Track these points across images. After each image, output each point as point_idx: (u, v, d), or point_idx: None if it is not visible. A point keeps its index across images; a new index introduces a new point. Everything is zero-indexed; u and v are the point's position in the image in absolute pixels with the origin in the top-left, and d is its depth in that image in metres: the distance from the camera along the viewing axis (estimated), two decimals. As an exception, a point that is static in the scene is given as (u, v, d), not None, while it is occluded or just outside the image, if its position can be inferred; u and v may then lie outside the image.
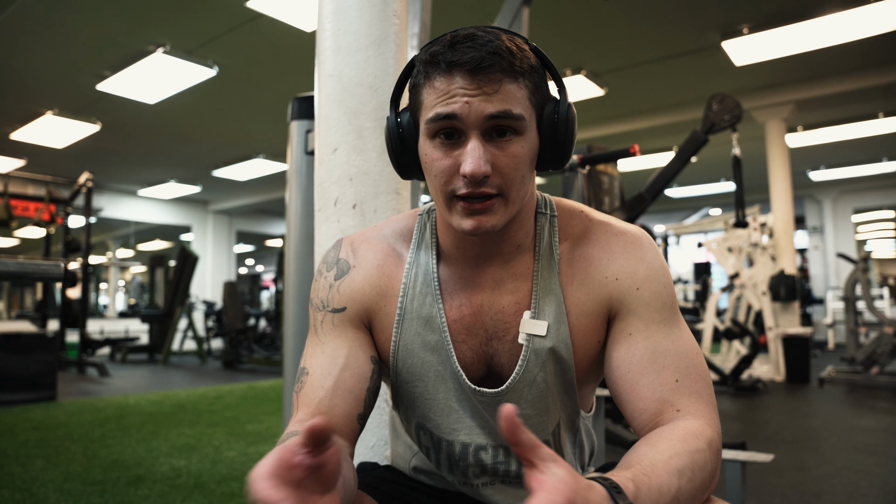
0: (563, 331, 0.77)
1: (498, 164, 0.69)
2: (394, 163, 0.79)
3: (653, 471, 0.59)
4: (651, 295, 0.76)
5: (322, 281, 0.83)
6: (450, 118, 0.68)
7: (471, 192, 0.68)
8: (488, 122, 0.68)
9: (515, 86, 0.69)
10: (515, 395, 0.78)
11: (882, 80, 6.16)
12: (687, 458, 0.63)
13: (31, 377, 4.94)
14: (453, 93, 0.68)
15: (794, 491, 2.53)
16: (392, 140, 0.77)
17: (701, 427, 0.68)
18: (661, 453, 0.62)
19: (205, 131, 8.09)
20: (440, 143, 0.70)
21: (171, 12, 4.81)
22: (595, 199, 3.76)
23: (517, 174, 0.70)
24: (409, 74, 0.76)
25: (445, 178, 0.70)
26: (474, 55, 0.67)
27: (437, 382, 0.80)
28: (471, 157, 0.67)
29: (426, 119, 0.70)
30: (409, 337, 0.80)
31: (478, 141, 0.68)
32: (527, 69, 0.70)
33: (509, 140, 0.69)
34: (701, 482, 0.63)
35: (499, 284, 0.79)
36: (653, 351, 0.73)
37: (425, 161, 0.73)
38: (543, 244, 0.79)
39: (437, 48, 0.70)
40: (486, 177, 0.68)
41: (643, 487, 0.56)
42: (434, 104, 0.69)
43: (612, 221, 0.81)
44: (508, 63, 0.68)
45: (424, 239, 0.83)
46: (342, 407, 0.75)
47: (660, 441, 0.65)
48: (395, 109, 0.78)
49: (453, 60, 0.67)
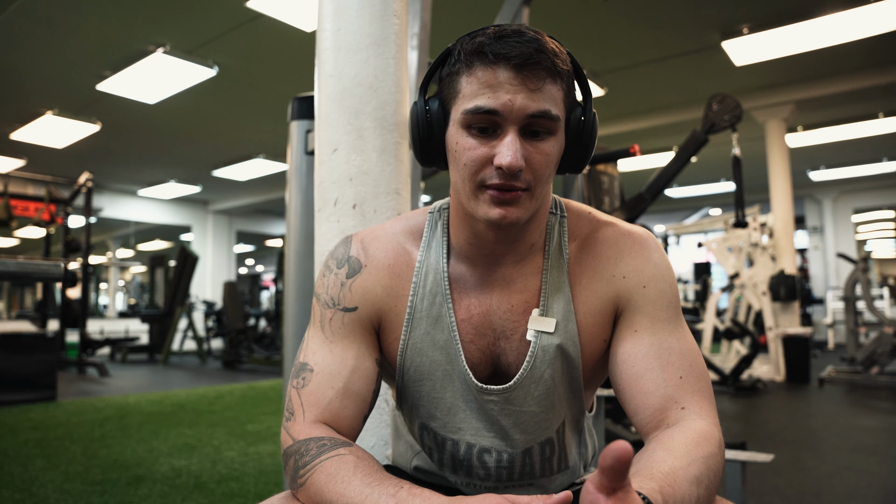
0: (572, 328, 0.77)
1: (531, 160, 0.69)
2: (416, 149, 0.78)
3: (675, 481, 0.60)
4: (657, 293, 0.77)
5: (332, 277, 0.83)
6: (491, 113, 0.68)
7: (503, 183, 0.69)
8: (528, 119, 0.68)
9: (555, 86, 0.70)
10: (522, 392, 0.78)
11: (882, 80, 6.16)
12: (703, 465, 0.64)
13: (31, 377, 4.94)
14: (497, 86, 0.68)
15: (794, 491, 2.53)
16: (419, 126, 0.76)
17: (710, 429, 0.69)
18: (680, 460, 0.63)
19: (205, 131, 8.09)
20: (476, 134, 0.70)
21: (171, 12, 4.81)
22: (595, 199, 3.75)
23: (546, 172, 0.71)
24: (442, 62, 0.75)
25: (477, 167, 0.70)
26: (523, 50, 0.67)
27: (444, 381, 0.80)
28: (509, 150, 0.67)
29: (464, 109, 0.70)
30: (419, 336, 0.80)
31: (515, 136, 0.68)
32: (565, 71, 0.71)
33: (543, 139, 0.70)
34: (715, 487, 0.65)
35: (509, 284, 0.80)
36: (658, 348, 0.74)
37: (455, 149, 0.72)
38: (553, 244, 0.80)
39: (482, 39, 0.69)
40: (520, 171, 0.68)
41: (669, 500, 0.57)
42: (475, 94, 0.69)
43: (618, 222, 0.82)
44: (552, 62, 0.68)
45: (435, 237, 0.83)
46: (351, 409, 0.76)
47: (675, 446, 0.65)
48: (423, 96, 0.77)
49: (501, 53, 0.67)
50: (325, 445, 0.71)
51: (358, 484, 0.64)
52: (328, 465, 0.68)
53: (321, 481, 0.67)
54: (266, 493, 2.50)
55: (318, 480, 0.68)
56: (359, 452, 0.71)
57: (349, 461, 0.68)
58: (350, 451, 0.70)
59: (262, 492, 2.52)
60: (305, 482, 0.69)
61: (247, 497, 2.44)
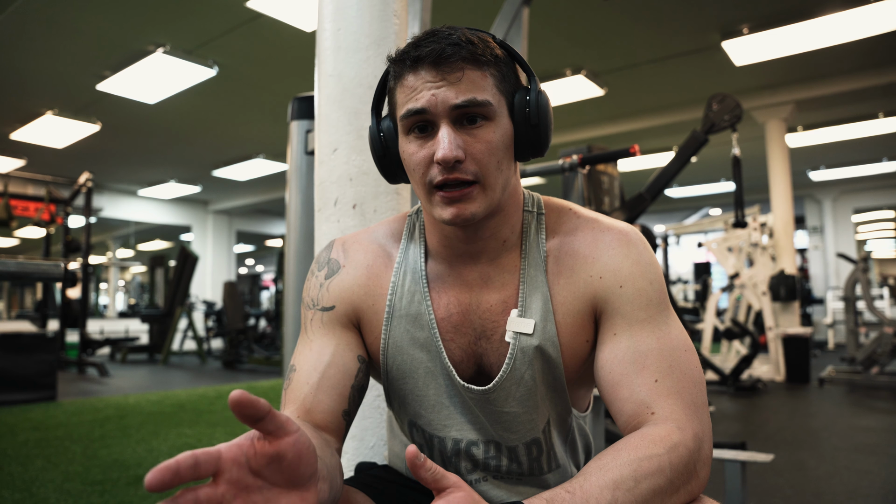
0: (550, 329, 0.76)
1: (471, 150, 0.70)
2: (379, 167, 0.81)
3: (580, 487, 0.59)
4: (635, 292, 0.75)
5: (313, 280, 0.85)
6: (420, 112, 0.70)
7: (446, 178, 0.70)
8: (455, 110, 0.70)
9: (479, 74, 0.71)
10: (503, 393, 0.78)
11: (882, 80, 6.16)
12: (629, 468, 0.61)
13: (31, 377, 4.94)
14: (420, 87, 0.70)
15: (794, 491, 2.53)
16: (375, 146, 0.80)
17: (666, 431, 0.66)
18: (600, 468, 0.62)
19: (205, 131, 8.09)
20: (415, 138, 0.73)
21: (171, 12, 4.81)
22: (595, 199, 3.76)
23: (492, 160, 0.72)
24: (385, 81, 0.79)
25: (423, 169, 0.72)
26: (435, 47, 0.70)
27: (427, 379, 0.80)
28: (441, 143, 0.69)
29: (400, 116, 0.73)
30: (398, 334, 0.80)
31: (448, 128, 0.70)
32: (490, 58, 0.72)
33: (480, 126, 0.71)
34: (649, 490, 0.61)
35: (486, 282, 0.80)
36: (634, 351, 0.72)
37: (405, 158, 0.75)
38: (530, 241, 0.80)
39: (404, 49, 0.73)
40: (458, 161, 0.69)
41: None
42: (406, 101, 0.72)
43: (600, 218, 0.81)
44: (469, 52, 0.70)
45: (413, 238, 0.84)
46: (326, 402, 0.75)
47: (607, 454, 0.64)
48: (376, 117, 0.80)
49: (417, 55, 0.70)
50: None
51: None
52: None
53: None
54: (266, 493, 2.50)
55: None
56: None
57: None
58: None
59: (262, 492, 2.52)
60: None
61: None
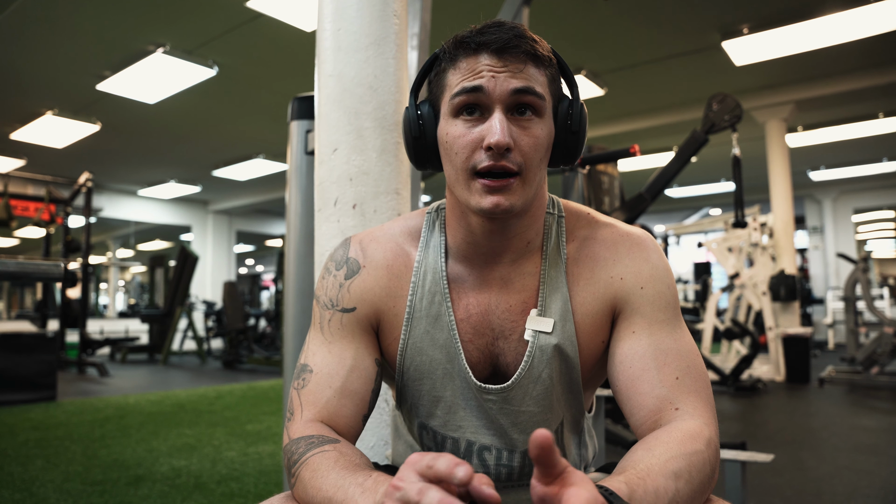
0: (569, 328, 0.77)
1: (519, 141, 0.71)
2: (410, 151, 0.80)
3: (648, 475, 0.59)
4: (655, 294, 0.77)
5: (331, 279, 0.83)
6: (476, 91, 0.70)
7: (493, 165, 0.70)
8: (513, 96, 0.70)
9: (538, 70, 0.72)
10: (521, 392, 0.78)
11: (882, 80, 6.16)
12: (685, 461, 0.63)
13: (31, 377, 4.94)
14: (480, 69, 0.70)
15: (794, 491, 2.53)
16: (412, 127, 0.78)
17: (699, 427, 0.68)
18: (658, 457, 0.62)
19: (205, 131, 8.09)
20: (463, 120, 0.72)
21: (171, 12, 4.81)
22: (595, 199, 3.75)
23: (536, 155, 0.72)
24: (431, 67, 0.78)
25: (468, 153, 0.71)
26: (501, 35, 0.70)
27: (444, 380, 0.80)
28: (494, 129, 0.69)
29: (451, 95, 0.72)
30: (418, 335, 0.80)
31: (502, 114, 0.70)
32: (546, 58, 0.73)
33: (530, 119, 0.71)
34: (700, 483, 0.63)
35: (507, 283, 0.80)
36: (655, 349, 0.74)
37: (446, 141, 0.74)
38: (551, 244, 0.81)
39: (464, 34, 0.73)
40: (508, 149, 0.69)
41: (638, 490, 0.56)
42: (460, 80, 0.71)
43: (616, 224, 0.82)
44: (532, 47, 0.71)
45: (433, 237, 0.84)
46: (349, 408, 0.76)
47: (657, 445, 0.65)
48: (414, 99, 0.79)
49: (481, 41, 0.71)
50: (313, 443, 0.71)
51: (334, 477, 0.64)
52: (312, 461, 0.68)
53: (306, 477, 0.67)
54: (266, 493, 2.50)
55: (304, 476, 0.68)
56: (344, 448, 0.70)
57: (331, 456, 0.68)
58: (335, 447, 0.69)
59: (262, 492, 2.52)
60: (295, 480, 0.69)
61: (247, 497, 2.44)
